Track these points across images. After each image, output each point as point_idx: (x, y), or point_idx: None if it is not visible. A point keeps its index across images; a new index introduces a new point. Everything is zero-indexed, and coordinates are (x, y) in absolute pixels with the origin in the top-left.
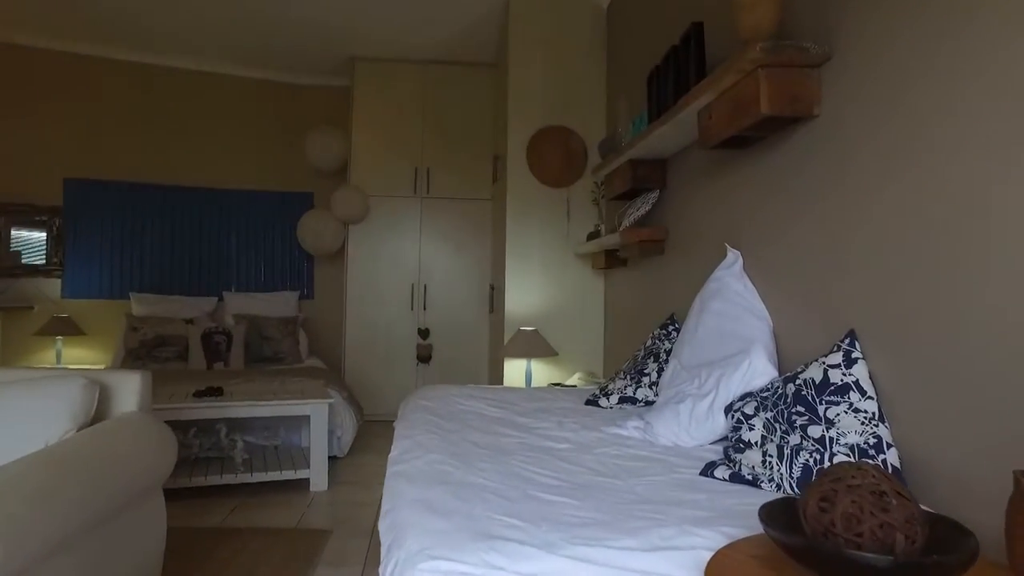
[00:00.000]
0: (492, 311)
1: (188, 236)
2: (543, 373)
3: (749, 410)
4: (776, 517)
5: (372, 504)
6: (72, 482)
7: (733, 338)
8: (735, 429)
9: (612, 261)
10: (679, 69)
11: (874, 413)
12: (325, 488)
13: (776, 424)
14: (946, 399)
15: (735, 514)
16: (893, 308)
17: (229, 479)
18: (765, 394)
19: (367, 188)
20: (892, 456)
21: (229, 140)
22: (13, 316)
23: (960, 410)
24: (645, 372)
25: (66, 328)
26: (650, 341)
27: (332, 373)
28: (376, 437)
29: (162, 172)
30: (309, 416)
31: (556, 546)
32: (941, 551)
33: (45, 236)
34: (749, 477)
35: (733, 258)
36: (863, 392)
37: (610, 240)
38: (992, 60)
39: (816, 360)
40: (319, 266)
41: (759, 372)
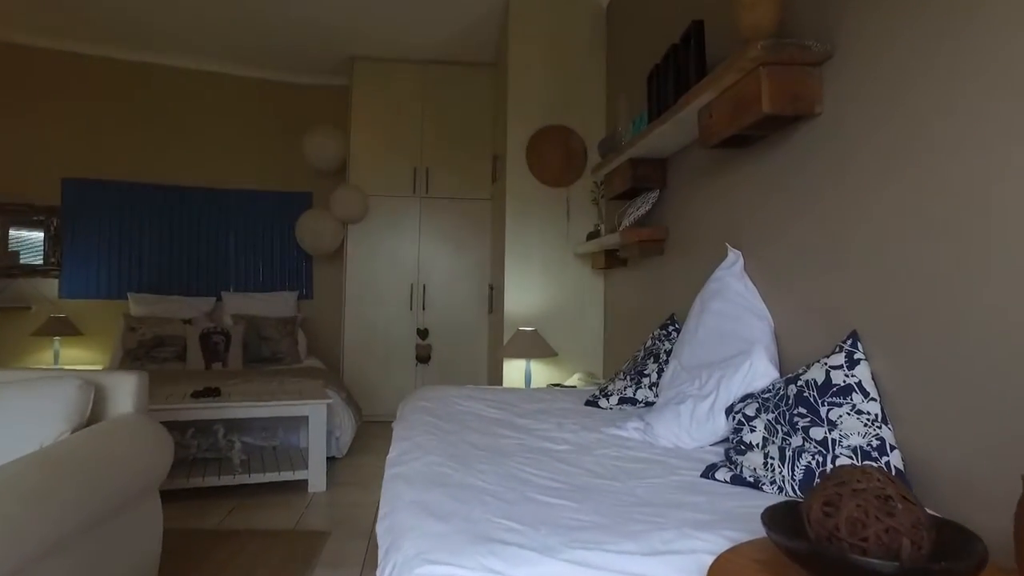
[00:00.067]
0: (491, 311)
1: (186, 236)
2: (542, 373)
3: (750, 411)
4: (779, 521)
5: (371, 505)
6: (67, 484)
7: (734, 339)
8: (736, 431)
9: (612, 261)
10: (679, 68)
11: (877, 415)
12: (323, 489)
13: (778, 426)
14: (950, 400)
15: (736, 517)
16: (896, 308)
17: (227, 480)
18: (766, 395)
19: (366, 188)
20: (895, 458)
21: (228, 140)
22: (10, 316)
23: (964, 411)
24: (645, 373)
25: (64, 328)
26: (650, 342)
27: (331, 373)
28: (375, 438)
29: (160, 172)
30: (307, 417)
31: (555, 550)
32: (948, 557)
33: (42, 236)
34: (750, 479)
35: (734, 258)
36: (866, 393)
37: (610, 240)
38: (993, 59)
39: (818, 361)
40: (318, 266)
41: (760, 373)
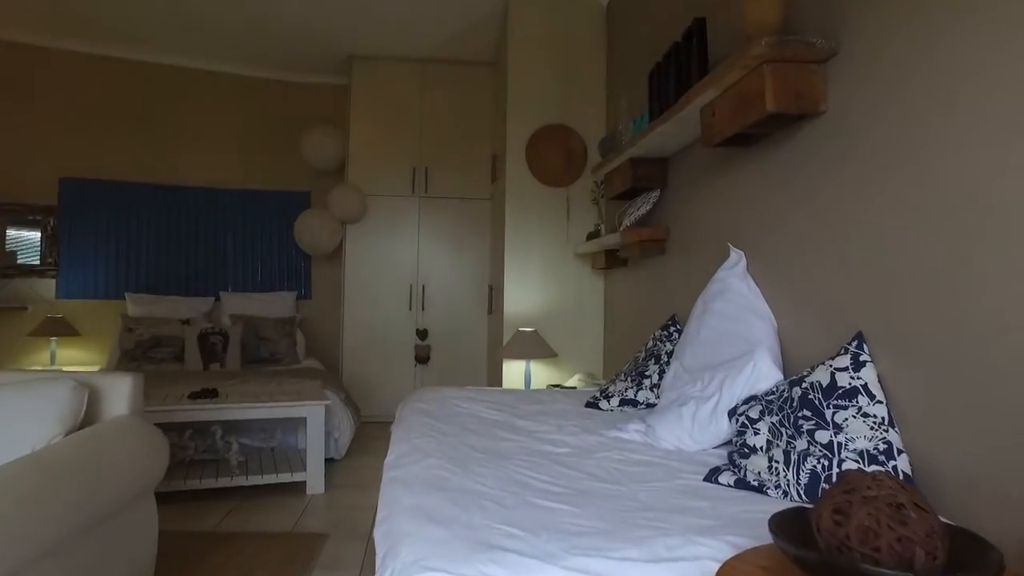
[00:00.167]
0: (491, 312)
1: (184, 236)
2: (542, 374)
3: (754, 414)
4: (786, 528)
5: (369, 507)
6: (60, 488)
7: (736, 340)
8: (739, 433)
9: (612, 261)
10: (681, 66)
11: (883, 418)
12: (322, 491)
13: (782, 429)
14: (958, 402)
15: (741, 522)
16: (902, 309)
17: (224, 482)
18: (770, 397)
19: (365, 187)
20: (903, 462)
21: (226, 139)
22: (7, 317)
23: (973, 414)
24: (646, 374)
25: (61, 329)
26: (651, 342)
27: (329, 374)
28: (374, 439)
29: (158, 171)
30: (306, 418)
31: (556, 556)
32: (963, 567)
33: (39, 236)
34: (755, 483)
35: (736, 258)
36: (872, 396)
37: (610, 240)
38: (993, 56)
39: (823, 363)
40: (316, 266)
41: (764, 375)
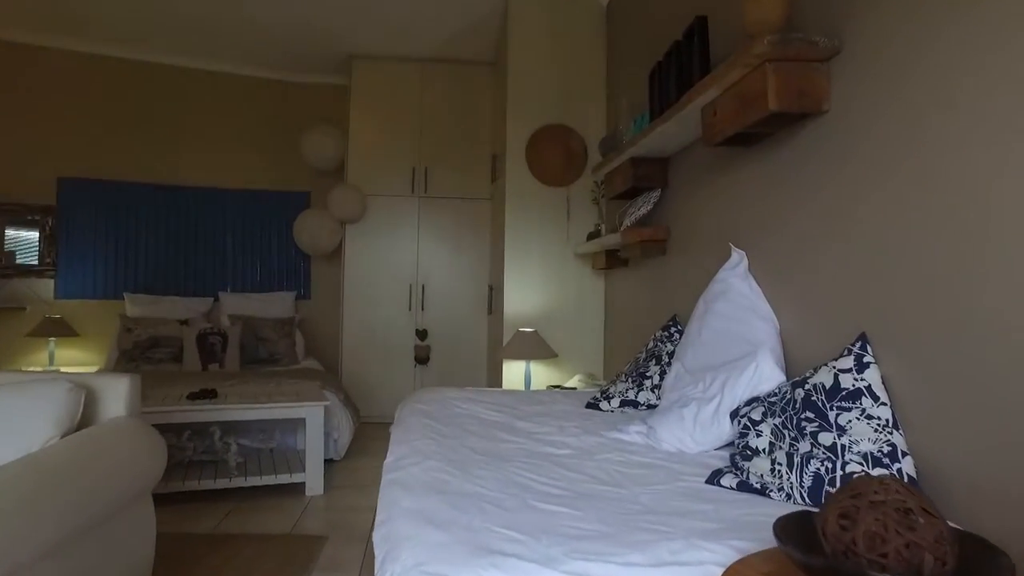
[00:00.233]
0: (491, 312)
1: (183, 236)
2: (542, 375)
3: (756, 416)
4: (791, 533)
5: (368, 509)
6: (56, 490)
7: (738, 341)
8: (742, 435)
9: (613, 261)
10: (682, 65)
11: (888, 420)
12: (321, 492)
13: (785, 431)
14: (963, 404)
15: (744, 526)
16: (906, 310)
17: (223, 483)
18: (773, 399)
19: (364, 187)
20: (907, 465)
21: (225, 139)
22: (5, 317)
23: (978, 416)
24: (647, 375)
25: (59, 329)
26: (652, 343)
27: (329, 375)
28: (373, 440)
29: (157, 171)
30: (305, 419)
31: (557, 561)
32: (973, 573)
33: (38, 236)
34: (757, 486)
35: (738, 258)
36: (876, 398)
37: (611, 240)
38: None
39: (826, 364)
40: (316, 266)
41: (766, 376)
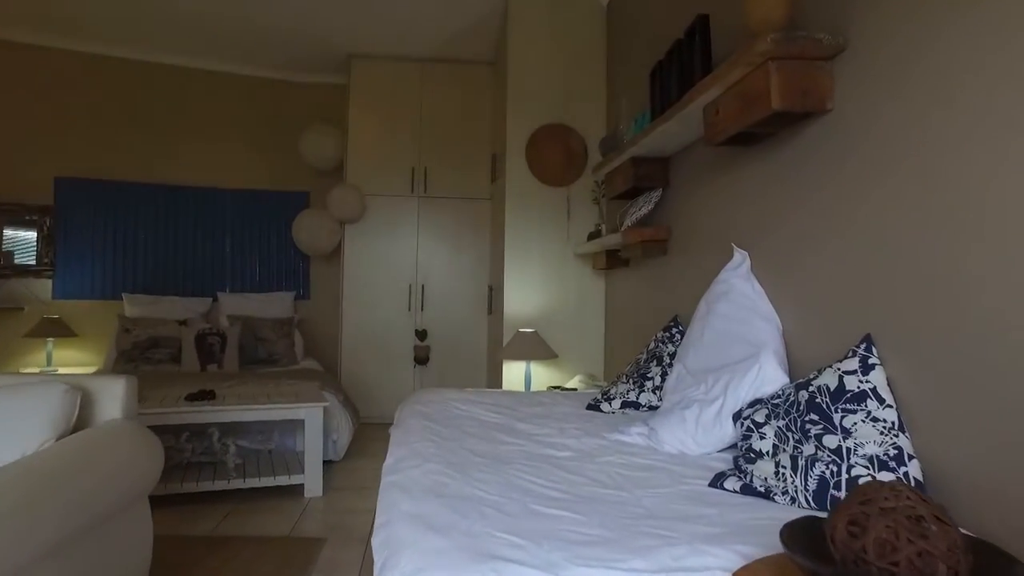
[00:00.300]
0: (491, 312)
1: (182, 236)
2: (543, 375)
3: (759, 418)
4: (798, 539)
5: (368, 511)
6: (51, 494)
7: (741, 342)
8: (745, 438)
9: (613, 261)
10: (683, 64)
11: (893, 422)
12: (320, 494)
13: (789, 433)
14: (970, 407)
15: (748, 530)
16: (912, 311)
17: (221, 485)
18: (776, 401)
19: (364, 187)
20: (914, 468)
21: (223, 138)
22: (3, 317)
23: (986, 418)
24: (648, 376)
25: (57, 330)
26: (653, 344)
27: (328, 375)
28: (373, 440)
29: (155, 171)
30: (304, 420)
31: (559, 567)
32: None
33: (35, 236)
34: (761, 489)
35: (740, 259)
36: (881, 400)
37: (611, 240)
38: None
39: (830, 366)
40: (315, 266)
41: (769, 378)
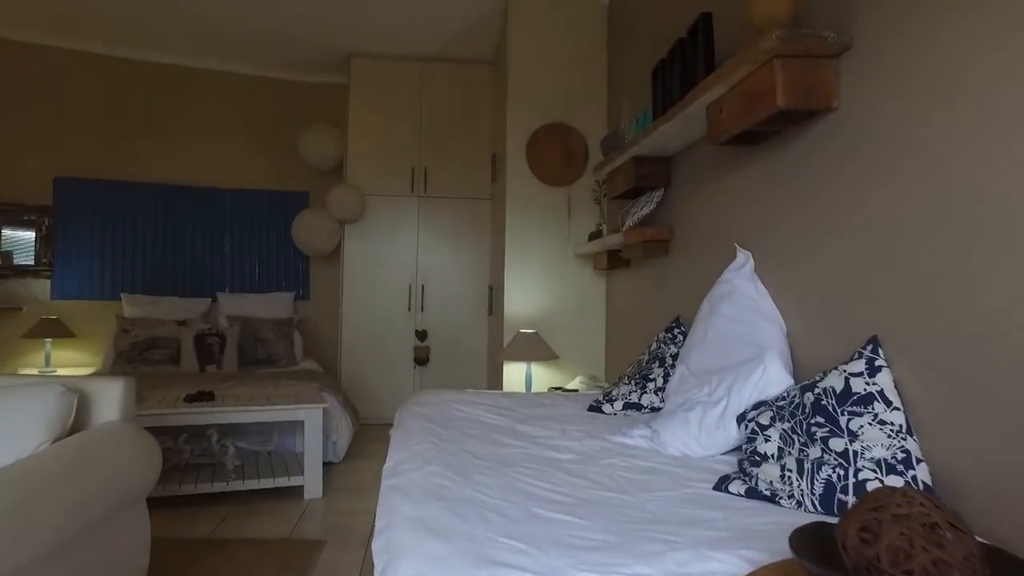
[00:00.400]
0: (491, 313)
1: (181, 236)
2: (543, 376)
3: (764, 420)
4: (807, 545)
5: (368, 513)
6: (46, 498)
7: (745, 343)
8: (750, 440)
9: (615, 262)
10: (686, 62)
11: (901, 425)
12: (320, 496)
13: (794, 436)
14: (980, 409)
15: (754, 535)
16: (919, 311)
17: (220, 487)
18: (781, 403)
19: (364, 187)
20: (923, 472)
21: (223, 138)
22: (1, 318)
23: (996, 421)
24: (650, 377)
25: (55, 330)
26: (655, 345)
27: (328, 376)
28: (373, 441)
29: (154, 170)
30: (303, 421)
31: (563, 573)
32: None
33: (34, 236)
34: (767, 493)
35: (743, 259)
36: (888, 402)
37: (612, 240)
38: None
39: (836, 368)
40: (315, 266)
41: (774, 380)
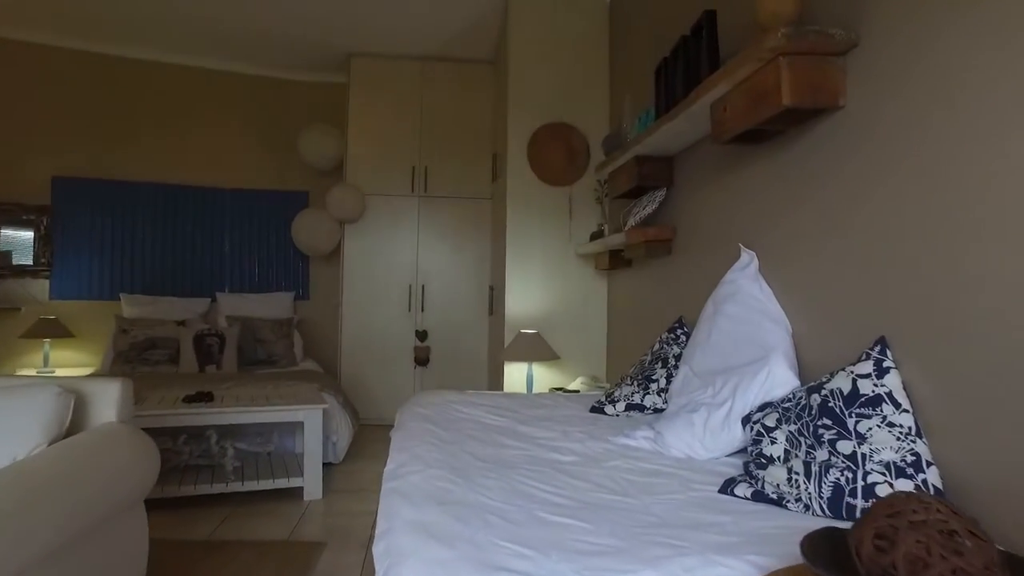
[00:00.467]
0: (492, 313)
1: (180, 236)
2: (544, 377)
3: (770, 422)
4: (819, 551)
5: (368, 514)
6: (42, 501)
7: (749, 344)
8: (755, 442)
9: (616, 262)
10: (689, 60)
11: (910, 427)
12: (319, 497)
13: (801, 438)
14: (991, 411)
15: (762, 539)
16: (929, 312)
17: (219, 488)
18: (787, 405)
19: (364, 187)
20: (933, 475)
21: (222, 137)
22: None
23: (1008, 423)
24: (653, 378)
25: (54, 330)
26: (657, 345)
27: (327, 376)
28: (373, 442)
29: (154, 170)
30: (303, 422)
31: None
32: None
33: (32, 236)
34: (773, 496)
35: (748, 259)
36: (897, 404)
37: (614, 240)
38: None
39: (843, 369)
40: (315, 266)
41: (779, 381)
